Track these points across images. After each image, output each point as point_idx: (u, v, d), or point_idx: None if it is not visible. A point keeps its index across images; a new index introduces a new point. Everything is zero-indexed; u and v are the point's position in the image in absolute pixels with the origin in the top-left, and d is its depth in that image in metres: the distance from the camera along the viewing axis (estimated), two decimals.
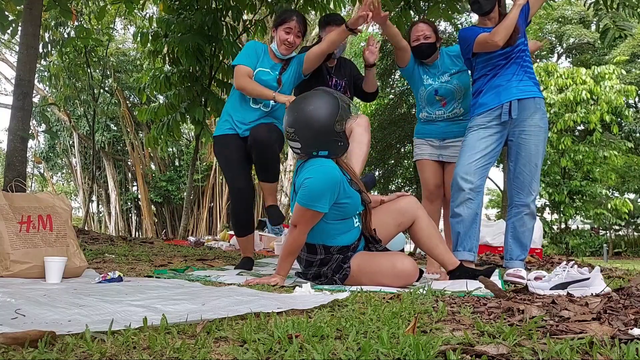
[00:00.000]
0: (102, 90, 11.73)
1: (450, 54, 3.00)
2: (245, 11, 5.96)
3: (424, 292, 1.75)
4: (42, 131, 16.29)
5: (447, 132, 2.98)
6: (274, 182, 2.81)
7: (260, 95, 2.67)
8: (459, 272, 2.27)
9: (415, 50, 2.94)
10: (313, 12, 5.91)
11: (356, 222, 2.19)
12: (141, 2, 6.07)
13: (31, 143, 16.15)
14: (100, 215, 19.09)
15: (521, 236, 2.68)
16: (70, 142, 16.62)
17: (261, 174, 2.77)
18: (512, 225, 2.70)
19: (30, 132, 4.08)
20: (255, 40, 2.81)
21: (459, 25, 11.23)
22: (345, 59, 3.17)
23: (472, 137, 2.69)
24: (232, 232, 6.91)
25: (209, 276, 2.37)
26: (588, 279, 1.81)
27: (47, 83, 10.07)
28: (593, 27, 16.69)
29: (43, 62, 8.87)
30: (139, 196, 16.60)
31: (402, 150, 11.72)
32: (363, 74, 3.10)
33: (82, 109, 12.19)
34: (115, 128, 17.10)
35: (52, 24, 7.38)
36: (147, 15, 8.36)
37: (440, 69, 2.97)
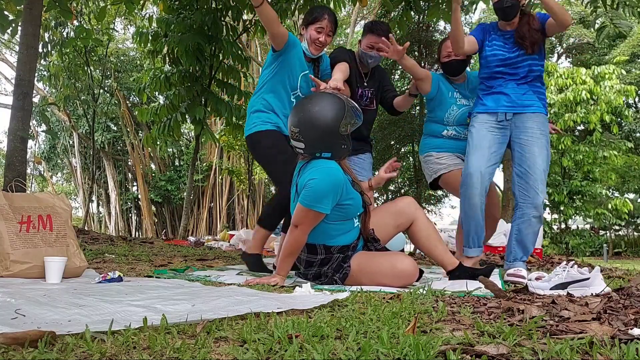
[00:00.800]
0: (102, 90, 11.73)
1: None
2: (245, 11, 5.96)
3: (424, 292, 1.75)
4: (42, 131, 16.31)
5: None
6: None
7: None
8: (458, 272, 2.27)
9: (445, 66, 2.93)
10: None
11: (356, 222, 2.20)
12: (141, 2, 6.07)
13: (31, 143, 16.16)
14: (100, 215, 19.11)
15: (525, 239, 2.63)
16: (70, 142, 16.64)
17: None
18: (517, 228, 2.65)
19: (30, 132, 4.08)
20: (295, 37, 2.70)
21: None
22: (379, 67, 3.05)
23: (477, 134, 2.68)
24: (232, 232, 6.91)
25: (209, 276, 2.37)
26: (588, 279, 1.81)
27: (47, 83, 10.07)
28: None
29: (43, 62, 8.87)
30: (139, 196, 16.62)
31: (402, 150, 11.71)
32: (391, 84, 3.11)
33: (82, 109, 12.19)
34: (115, 128, 17.11)
35: (52, 24, 7.38)
36: (147, 15, 8.36)
37: (470, 91, 2.96)
